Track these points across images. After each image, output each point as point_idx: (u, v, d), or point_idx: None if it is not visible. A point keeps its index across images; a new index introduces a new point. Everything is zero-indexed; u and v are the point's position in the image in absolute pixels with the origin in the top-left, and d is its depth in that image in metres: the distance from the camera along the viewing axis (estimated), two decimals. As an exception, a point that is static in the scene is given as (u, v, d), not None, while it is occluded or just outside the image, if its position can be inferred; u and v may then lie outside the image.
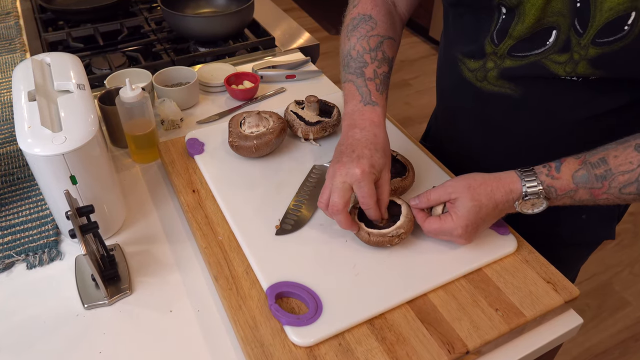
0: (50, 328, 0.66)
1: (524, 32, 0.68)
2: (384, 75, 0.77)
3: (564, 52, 0.67)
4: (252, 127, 0.87)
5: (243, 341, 0.62)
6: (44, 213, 0.82)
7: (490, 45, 0.73)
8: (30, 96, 0.72)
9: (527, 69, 0.71)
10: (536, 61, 0.70)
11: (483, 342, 0.62)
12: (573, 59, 0.66)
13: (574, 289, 0.69)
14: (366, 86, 0.75)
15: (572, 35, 0.65)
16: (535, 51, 0.69)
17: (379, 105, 0.74)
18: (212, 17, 1.29)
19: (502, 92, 0.76)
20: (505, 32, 0.70)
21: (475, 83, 0.78)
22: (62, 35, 1.33)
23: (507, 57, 0.72)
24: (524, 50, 0.70)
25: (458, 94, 0.84)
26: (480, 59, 0.76)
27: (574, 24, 0.64)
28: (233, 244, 0.74)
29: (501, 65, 0.73)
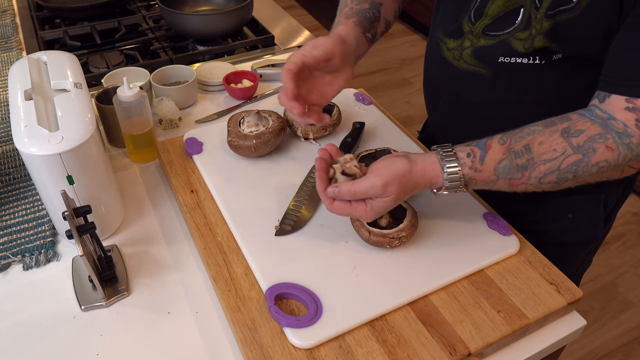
0: (47, 330, 0.66)
1: (497, 11, 0.72)
2: (360, 9, 0.81)
3: (525, 29, 0.70)
4: (251, 126, 0.87)
5: (242, 343, 0.62)
6: (40, 213, 0.82)
7: (468, 24, 0.76)
8: (27, 95, 0.72)
9: (496, 48, 0.74)
10: (504, 40, 0.73)
11: (485, 344, 0.62)
12: (531, 35, 0.69)
13: (577, 290, 0.69)
14: (338, 18, 0.81)
15: (532, 11, 0.68)
16: (505, 30, 0.72)
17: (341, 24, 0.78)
18: (210, 15, 1.29)
19: (476, 71, 0.78)
20: (482, 11, 0.73)
21: (453, 62, 0.81)
22: (58, 34, 1.33)
23: (482, 36, 0.75)
24: (496, 30, 0.73)
25: (438, 74, 0.88)
26: (458, 39, 0.79)
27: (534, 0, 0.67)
28: (232, 245, 0.74)
29: (476, 44, 0.76)
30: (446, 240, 0.74)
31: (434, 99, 0.93)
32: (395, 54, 3.26)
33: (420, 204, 0.79)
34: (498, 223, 0.76)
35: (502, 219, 0.77)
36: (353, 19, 0.80)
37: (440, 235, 0.74)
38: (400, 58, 3.22)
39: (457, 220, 0.77)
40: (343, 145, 0.89)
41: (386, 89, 2.92)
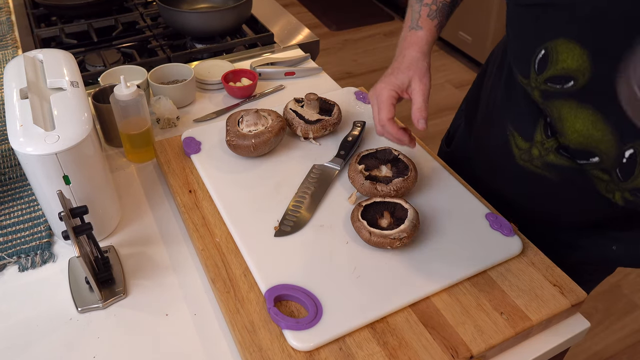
0: (43, 332, 0.66)
1: (568, 143, 0.67)
2: (443, 4, 0.79)
3: (603, 175, 0.66)
4: (250, 125, 0.87)
5: (241, 345, 0.62)
6: (36, 214, 0.82)
7: (541, 135, 0.72)
8: (22, 94, 0.72)
9: (571, 171, 0.71)
10: (580, 168, 0.69)
11: (488, 346, 0.62)
12: (618, 187, 0.65)
13: (581, 292, 0.69)
14: (419, 12, 0.80)
15: (615, 175, 0.64)
16: (579, 161, 0.68)
17: (424, 29, 0.78)
18: (209, 12, 1.29)
19: (544, 174, 0.75)
20: (555, 132, 0.69)
21: (519, 161, 0.77)
22: (55, 31, 1.33)
23: (553, 153, 0.71)
24: (569, 154, 0.70)
25: (499, 156, 0.82)
26: (528, 142, 0.75)
27: (617, 171, 0.63)
28: (231, 246, 0.74)
29: (545, 158, 0.73)
30: (448, 241, 0.74)
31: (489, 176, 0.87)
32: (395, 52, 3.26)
33: (421, 204, 0.79)
34: (501, 223, 0.76)
35: (504, 220, 0.77)
36: (435, 22, 0.79)
37: (442, 236, 0.74)
38: (402, 56, 3.22)
39: (459, 221, 0.77)
40: (343, 144, 0.89)
41: (387, 87, 2.92)
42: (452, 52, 3.25)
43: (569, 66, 0.60)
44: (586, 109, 0.61)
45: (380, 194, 0.77)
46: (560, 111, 0.64)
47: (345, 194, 0.82)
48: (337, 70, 3.01)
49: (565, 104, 0.63)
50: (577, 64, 0.59)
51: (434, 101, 2.84)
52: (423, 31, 0.78)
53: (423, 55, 0.77)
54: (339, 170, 0.85)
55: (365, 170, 0.80)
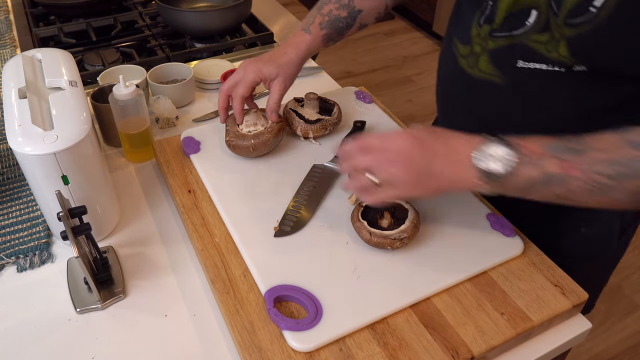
0: (42, 333, 0.66)
1: (504, 14, 0.70)
2: (336, 17, 0.87)
3: (544, 31, 0.67)
4: (249, 125, 0.87)
5: (240, 346, 0.62)
6: (34, 214, 0.82)
7: (476, 27, 0.76)
8: (21, 93, 0.72)
9: (514, 51, 0.72)
10: (519, 42, 0.71)
11: (488, 347, 0.62)
12: (554, 38, 0.66)
13: (582, 292, 0.69)
14: (314, 18, 0.87)
15: (550, 15, 0.66)
16: (515, 32, 0.71)
17: (311, 35, 0.86)
18: (208, 11, 1.29)
19: (491, 80, 0.76)
20: (491, 16, 0.73)
21: (467, 69, 0.80)
22: (53, 31, 1.33)
23: (489, 39, 0.74)
24: (504, 31, 0.72)
25: (453, 82, 0.86)
26: (467, 44, 0.78)
27: (551, 4, 0.65)
28: (230, 246, 0.74)
29: (487, 48, 0.75)
30: (449, 241, 0.74)
31: (447, 108, 0.91)
32: (397, 52, 3.26)
33: (422, 204, 0.79)
34: (502, 224, 0.76)
35: (506, 220, 0.77)
36: (324, 32, 0.87)
37: (442, 237, 0.74)
38: (402, 56, 3.23)
39: (460, 221, 0.77)
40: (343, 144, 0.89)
41: (388, 87, 2.92)
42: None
43: None
44: None
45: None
46: None
47: (345, 194, 0.82)
48: (337, 70, 3.01)
49: None
50: None
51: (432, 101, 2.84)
52: (310, 36, 0.86)
53: (299, 60, 0.85)
54: (339, 170, 0.85)
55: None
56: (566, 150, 0.58)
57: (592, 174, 0.57)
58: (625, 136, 0.57)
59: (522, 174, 0.58)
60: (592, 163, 0.57)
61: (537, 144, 0.59)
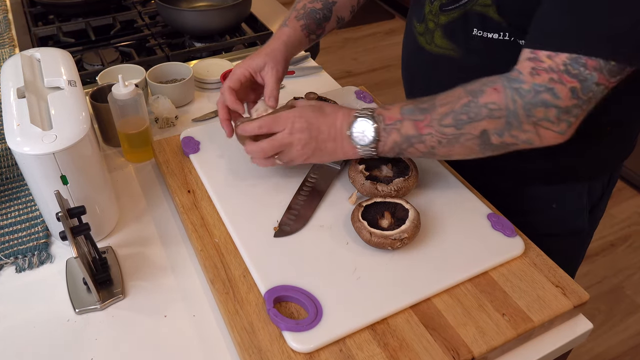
0: (40, 334, 0.66)
1: None
2: (312, 9, 0.88)
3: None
4: (260, 113, 0.85)
5: (240, 347, 0.62)
6: (33, 214, 0.82)
7: (428, 5, 0.80)
8: (20, 93, 0.72)
9: (462, 21, 0.75)
10: (467, 12, 0.74)
11: (489, 348, 0.62)
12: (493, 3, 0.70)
13: (583, 293, 0.69)
14: (290, 14, 0.89)
15: None
16: (459, 2, 0.74)
17: (289, 27, 0.87)
18: (208, 11, 1.29)
19: (447, 54, 0.80)
20: None
21: (425, 46, 0.84)
22: (52, 30, 1.33)
23: (440, 14, 0.78)
24: (452, 3, 0.76)
25: (414, 61, 0.91)
26: (422, 22, 0.82)
27: None
28: (230, 247, 0.74)
29: (439, 23, 0.78)
30: (449, 241, 0.74)
31: (411, 86, 0.95)
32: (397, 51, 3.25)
33: (422, 204, 0.79)
34: (503, 224, 0.76)
35: (507, 220, 0.77)
36: (301, 22, 0.88)
37: (443, 237, 0.74)
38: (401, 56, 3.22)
39: (461, 221, 0.77)
40: (343, 144, 0.89)
41: (388, 86, 2.92)
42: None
43: None
44: None
45: (380, 194, 0.77)
46: None
47: (345, 194, 0.82)
48: (337, 69, 3.01)
49: None
50: None
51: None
52: (288, 28, 0.87)
53: (282, 46, 0.85)
54: (339, 170, 0.85)
55: (366, 170, 0.80)
56: (418, 111, 0.69)
57: (440, 128, 0.68)
58: (466, 86, 0.68)
59: (387, 140, 0.71)
60: (439, 118, 0.68)
61: (396, 111, 0.71)
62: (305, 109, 0.75)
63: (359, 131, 0.71)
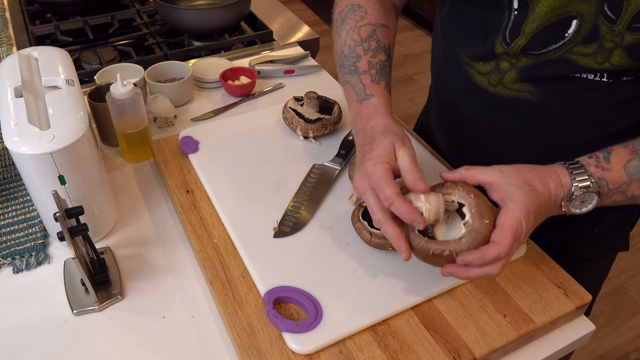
0: (38, 335, 0.66)
1: (537, 26, 0.65)
2: (381, 64, 0.74)
3: (590, 42, 0.63)
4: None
5: (239, 348, 0.62)
6: (31, 215, 0.82)
7: (502, 45, 0.69)
8: (17, 92, 0.72)
9: (551, 67, 0.67)
10: (559, 57, 0.66)
11: (491, 349, 0.62)
12: (604, 48, 0.62)
13: (585, 294, 0.69)
14: (361, 82, 0.73)
15: (602, 22, 0.61)
16: (552, 46, 0.66)
17: (375, 95, 0.71)
18: (207, 9, 1.29)
19: (520, 96, 0.72)
20: (518, 29, 0.67)
21: (488, 88, 0.75)
22: (50, 29, 1.33)
23: (522, 56, 0.69)
24: (539, 47, 0.67)
25: (467, 102, 0.80)
26: (490, 60, 0.72)
27: (603, 10, 0.60)
28: (229, 247, 0.74)
29: (518, 65, 0.70)
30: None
31: (459, 130, 0.85)
32: (398, 50, 3.26)
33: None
34: (504, 224, 0.76)
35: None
36: (382, 83, 0.73)
37: (444, 237, 0.74)
38: (403, 54, 3.23)
39: (462, 222, 0.77)
40: (344, 144, 0.89)
41: (388, 85, 2.92)
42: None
43: None
44: None
45: None
46: None
47: (345, 194, 0.82)
48: (337, 68, 3.00)
49: None
50: None
51: (436, 100, 2.84)
52: (375, 98, 0.70)
53: (392, 119, 0.69)
54: (339, 170, 0.85)
55: None
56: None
57: None
58: None
59: (606, 201, 0.62)
60: None
61: (619, 170, 0.61)
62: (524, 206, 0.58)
63: (578, 202, 0.61)
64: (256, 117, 0.97)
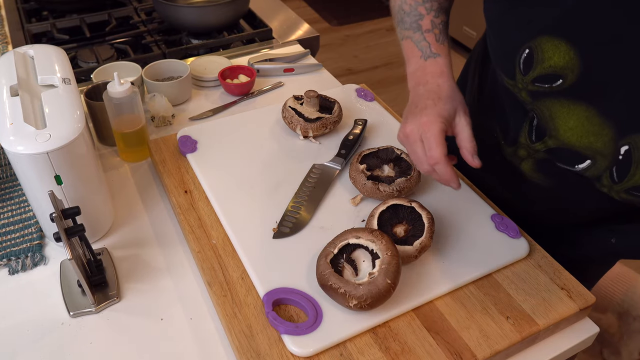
0: (34, 337, 0.66)
1: (557, 147, 0.68)
2: (443, 24, 0.77)
3: (597, 181, 0.66)
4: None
5: (238, 351, 0.62)
6: (27, 215, 0.82)
7: (525, 138, 0.73)
8: (13, 91, 0.72)
9: (562, 175, 0.71)
10: (571, 172, 0.69)
11: (493, 352, 0.62)
12: (612, 189, 0.65)
13: (589, 295, 0.69)
14: (425, 40, 0.75)
15: (606, 177, 0.64)
16: (568, 167, 0.69)
17: (441, 55, 0.74)
18: (205, 7, 1.29)
19: (534, 180, 0.77)
20: (542, 135, 0.69)
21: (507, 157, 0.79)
22: (46, 26, 1.33)
23: (542, 153, 0.72)
24: (560, 160, 0.69)
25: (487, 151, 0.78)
26: (512, 146, 0.77)
27: (612, 170, 0.63)
28: (228, 248, 0.74)
29: (536, 157, 0.73)
30: (452, 243, 0.74)
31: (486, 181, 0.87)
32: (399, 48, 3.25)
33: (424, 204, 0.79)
34: (507, 225, 0.76)
35: (511, 221, 0.77)
36: (446, 44, 0.76)
37: (446, 238, 0.74)
38: (405, 52, 3.22)
39: (464, 222, 0.77)
40: (344, 143, 0.89)
41: (389, 84, 2.93)
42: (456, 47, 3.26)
43: (556, 64, 0.59)
44: (579, 105, 0.61)
45: (382, 194, 0.77)
46: (550, 110, 0.64)
47: (346, 194, 0.82)
48: (337, 67, 3.01)
49: (556, 103, 0.63)
50: (564, 61, 0.58)
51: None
52: (442, 58, 0.74)
53: (456, 84, 0.73)
54: (339, 170, 0.85)
55: (367, 170, 0.80)
56: None
57: None
58: None
59: None
60: None
61: None
62: None
63: None
64: (255, 117, 0.97)
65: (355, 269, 0.66)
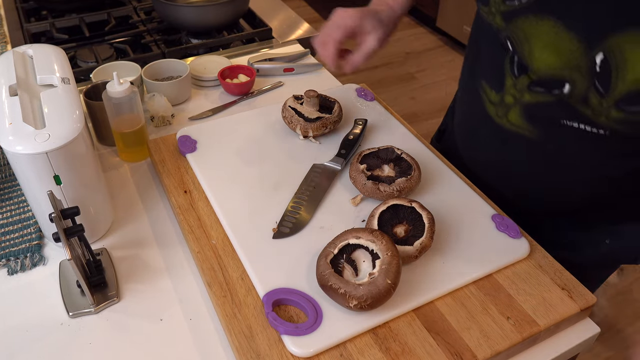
0: (33, 338, 0.66)
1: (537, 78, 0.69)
2: None
3: (584, 104, 0.66)
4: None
5: (238, 351, 0.62)
6: (26, 215, 0.82)
7: (510, 77, 0.73)
8: (12, 91, 0.72)
9: (553, 109, 0.70)
10: (561, 100, 0.68)
11: (494, 352, 0.62)
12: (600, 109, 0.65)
13: (590, 296, 0.69)
14: None
15: (593, 94, 0.64)
16: (555, 91, 0.68)
17: None
18: (205, 6, 1.29)
19: (519, 132, 0.76)
20: (523, 65, 0.70)
21: (495, 118, 0.79)
22: (45, 26, 1.33)
23: (527, 91, 0.72)
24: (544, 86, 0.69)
25: (477, 126, 0.85)
26: (499, 92, 0.76)
27: (595, 84, 0.63)
28: (227, 248, 0.74)
29: (522, 101, 0.73)
30: (453, 243, 0.74)
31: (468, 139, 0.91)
32: (399, 48, 3.26)
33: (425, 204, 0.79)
34: (507, 225, 0.76)
35: (511, 221, 0.77)
36: None
37: (446, 238, 0.74)
38: (405, 52, 3.23)
39: (465, 223, 0.77)
40: (344, 143, 0.89)
41: (390, 84, 2.93)
42: (456, 47, 3.26)
43: None
44: (547, 20, 0.63)
45: (382, 194, 0.77)
46: (524, 31, 0.66)
47: (346, 194, 0.82)
48: (337, 67, 3.01)
49: (526, 21, 0.65)
50: None
51: (436, 98, 2.84)
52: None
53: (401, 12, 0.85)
54: (339, 170, 0.85)
55: (367, 170, 0.80)
56: None
57: None
58: None
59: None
60: None
61: None
62: None
63: None
64: (255, 116, 0.97)
65: (356, 269, 0.66)
